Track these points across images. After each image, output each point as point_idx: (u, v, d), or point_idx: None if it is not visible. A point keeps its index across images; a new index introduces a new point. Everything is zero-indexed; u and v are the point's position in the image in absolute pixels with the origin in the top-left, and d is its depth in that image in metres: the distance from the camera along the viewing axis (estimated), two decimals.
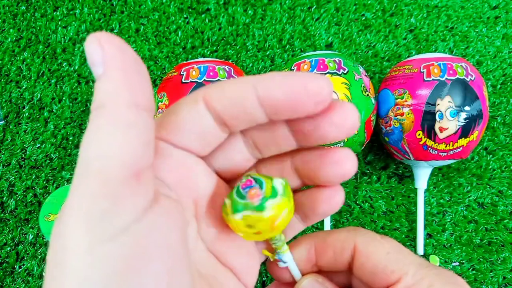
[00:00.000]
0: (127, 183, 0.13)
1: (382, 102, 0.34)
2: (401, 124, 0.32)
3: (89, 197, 0.12)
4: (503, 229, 0.37)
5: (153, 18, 0.41)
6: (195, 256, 0.17)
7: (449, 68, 0.31)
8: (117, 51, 0.13)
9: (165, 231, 0.14)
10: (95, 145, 0.13)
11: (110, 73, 0.13)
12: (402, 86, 0.32)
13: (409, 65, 0.33)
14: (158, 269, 0.13)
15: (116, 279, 0.12)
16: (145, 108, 0.13)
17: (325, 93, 0.15)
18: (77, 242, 0.12)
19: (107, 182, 0.12)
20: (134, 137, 0.13)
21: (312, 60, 0.32)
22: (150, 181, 0.14)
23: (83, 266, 0.12)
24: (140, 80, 0.13)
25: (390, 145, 0.34)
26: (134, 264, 0.12)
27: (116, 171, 0.12)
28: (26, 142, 0.39)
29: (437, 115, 0.31)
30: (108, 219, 0.12)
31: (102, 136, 0.13)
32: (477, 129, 0.31)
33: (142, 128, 0.13)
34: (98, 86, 0.13)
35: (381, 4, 0.41)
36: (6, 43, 0.40)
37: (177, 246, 0.14)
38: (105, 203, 0.12)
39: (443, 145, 0.31)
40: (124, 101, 0.13)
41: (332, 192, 0.19)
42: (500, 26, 0.41)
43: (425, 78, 0.31)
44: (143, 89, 0.13)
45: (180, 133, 0.17)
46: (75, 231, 0.12)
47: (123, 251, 0.12)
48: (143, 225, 0.13)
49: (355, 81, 0.32)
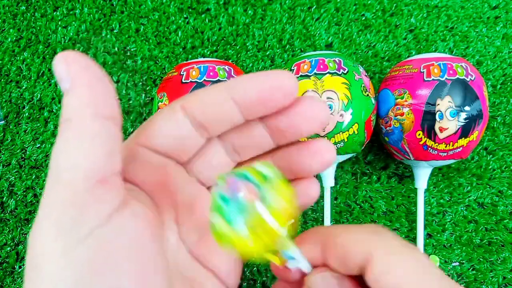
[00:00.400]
0: (93, 191, 0.14)
1: (382, 102, 0.34)
2: (401, 124, 0.32)
3: (59, 206, 0.13)
4: (503, 229, 0.37)
5: (153, 18, 0.41)
6: (177, 258, 0.18)
7: (449, 68, 0.31)
8: (82, 68, 0.14)
9: (133, 233, 0.14)
10: (63, 157, 0.14)
11: (75, 89, 0.14)
12: (402, 86, 0.32)
13: (409, 65, 0.33)
14: (128, 270, 0.14)
15: (87, 281, 0.13)
16: (109, 118, 0.14)
17: (290, 84, 0.16)
18: (50, 247, 0.13)
19: (74, 191, 0.13)
20: (99, 146, 0.14)
21: (312, 60, 0.32)
22: (117, 187, 0.15)
23: (56, 270, 0.13)
24: (104, 93, 0.14)
25: (390, 145, 0.34)
26: (103, 265, 0.13)
27: (82, 180, 0.13)
28: (26, 142, 0.39)
29: (437, 115, 0.31)
30: (76, 225, 0.13)
31: (69, 148, 0.14)
32: (477, 129, 0.31)
33: (106, 137, 0.14)
34: (65, 101, 0.14)
35: (381, 4, 0.41)
36: (6, 43, 0.40)
37: (148, 247, 0.15)
38: (73, 211, 0.13)
39: (443, 145, 0.31)
40: (88, 114, 0.14)
41: (309, 184, 0.19)
42: (500, 26, 0.41)
43: (425, 78, 0.31)
44: (107, 102, 0.14)
45: (160, 139, 0.17)
46: (47, 237, 0.13)
47: (91, 254, 0.13)
48: (109, 228, 0.14)
49: (355, 81, 0.32)
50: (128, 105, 0.39)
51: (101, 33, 0.40)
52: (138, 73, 0.40)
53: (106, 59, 0.40)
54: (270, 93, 0.16)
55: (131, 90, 0.39)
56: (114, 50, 0.40)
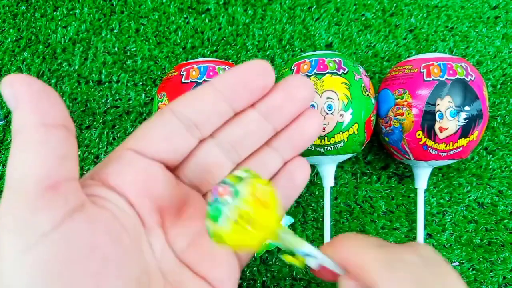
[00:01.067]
0: (43, 196, 0.14)
1: (382, 102, 0.34)
2: (401, 124, 0.32)
3: (12, 212, 0.14)
4: (503, 229, 0.37)
5: (153, 18, 0.41)
6: (163, 263, 0.18)
7: (449, 68, 0.31)
8: (25, 87, 0.15)
9: (88, 238, 0.15)
10: (13, 166, 0.15)
11: (20, 104, 0.15)
12: (402, 86, 0.32)
13: (409, 65, 0.33)
14: (82, 274, 0.14)
15: (40, 284, 0.13)
16: (57, 126, 0.15)
17: (264, 66, 0.18)
18: (7, 251, 0.14)
19: (25, 198, 0.14)
20: (48, 153, 0.15)
21: (312, 60, 0.32)
22: (71, 192, 0.15)
23: (13, 273, 0.13)
24: (50, 104, 0.15)
25: (390, 145, 0.34)
26: (56, 269, 0.14)
27: (32, 187, 0.14)
28: None
29: (437, 115, 0.31)
30: (28, 230, 0.14)
31: (18, 157, 0.15)
32: (477, 129, 0.31)
33: (55, 144, 0.15)
34: (13, 117, 0.15)
35: (381, 4, 0.41)
36: (6, 43, 0.40)
37: (107, 252, 0.15)
38: (24, 217, 0.14)
39: (443, 145, 0.31)
40: (33, 124, 0.15)
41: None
42: (500, 26, 0.41)
43: (425, 78, 0.31)
44: (52, 111, 0.15)
45: (148, 141, 0.18)
46: (4, 242, 0.14)
47: (44, 258, 0.14)
48: (61, 233, 0.14)
49: (355, 81, 0.32)
50: (128, 105, 0.39)
51: (100, 33, 0.40)
52: (138, 73, 0.40)
53: (106, 59, 0.40)
54: (248, 77, 0.18)
55: (131, 90, 0.39)
56: (114, 50, 0.40)
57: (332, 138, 0.31)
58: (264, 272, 0.36)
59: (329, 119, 0.30)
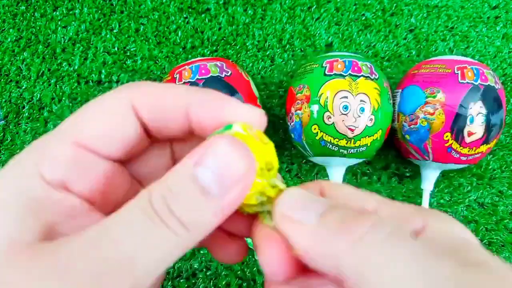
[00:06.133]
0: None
1: (409, 99, 0.33)
2: (429, 123, 0.32)
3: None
4: (503, 229, 0.37)
5: (153, 18, 0.41)
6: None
7: (481, 73, 0.31)
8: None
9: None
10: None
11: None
12: (434, 85, 0.32)
13: (441, 64, 0.32)
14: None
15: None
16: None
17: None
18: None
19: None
20: None
21: (345, 60, 0.32)
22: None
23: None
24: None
25: (409, 143, 0.33)
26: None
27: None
28: (26, 142, 0.39)
29: (468, 119, 0.30)
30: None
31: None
32: (496, 137, 0.32)
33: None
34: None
35: (381, 4, 0.41)
36: (6, 43, 0.40)
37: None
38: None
39: (467, 149, 0.31)
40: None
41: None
42: (500, 26, 0.41)
43: (459, 80, 0.31)
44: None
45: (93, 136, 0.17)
46: None
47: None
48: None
49: (384, 88, 0.32)
50: None
51: (100, 33, 0.40)
52: (137, 73, 0.40)
53: (106, 59, 0.40)
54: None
55: None
56: (114, 50, 0.40)
57: (358, 141, 0.31)
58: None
59: (360, 121, 0.30)
